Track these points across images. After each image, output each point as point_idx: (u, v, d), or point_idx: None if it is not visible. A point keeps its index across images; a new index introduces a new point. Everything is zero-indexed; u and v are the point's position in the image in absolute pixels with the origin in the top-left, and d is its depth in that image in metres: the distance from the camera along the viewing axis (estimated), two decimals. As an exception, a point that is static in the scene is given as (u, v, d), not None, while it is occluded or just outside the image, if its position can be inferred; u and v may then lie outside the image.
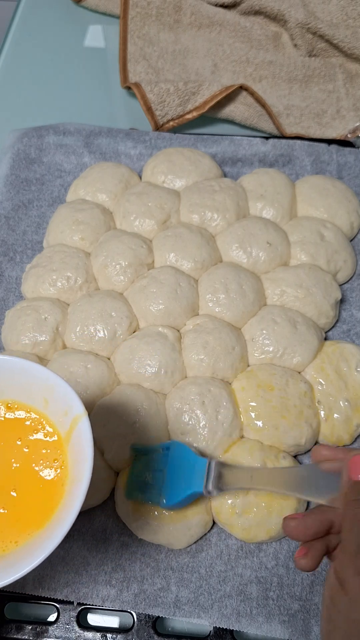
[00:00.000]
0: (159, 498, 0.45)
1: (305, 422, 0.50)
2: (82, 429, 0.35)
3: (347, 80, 0.79)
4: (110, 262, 0.58)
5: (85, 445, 0.34)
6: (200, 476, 0.44)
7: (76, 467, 0.35)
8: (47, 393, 0.38)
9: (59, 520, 0.33)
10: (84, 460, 0.34)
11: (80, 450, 0.34)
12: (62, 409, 0.37)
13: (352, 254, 0.62)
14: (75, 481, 0.34)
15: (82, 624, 0.45)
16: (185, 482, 0.44)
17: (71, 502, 0.33)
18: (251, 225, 0.61)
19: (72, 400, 0.36)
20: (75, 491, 0.33)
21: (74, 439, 0.36)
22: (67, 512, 0.33)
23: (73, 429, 0.36)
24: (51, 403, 0.38)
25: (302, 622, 0.44)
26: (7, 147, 0.71)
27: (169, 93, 0.72)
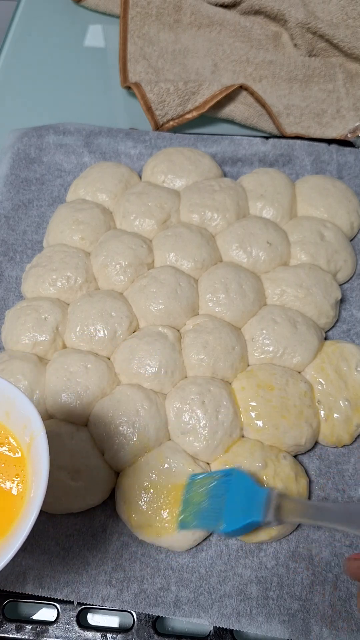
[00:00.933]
0: (217, 524, 0.43)
1: (305, 422, 0.50)
2: (39, 445, 0.35)
3: (347, 80, 0.79)
4: (110, 262, 0.58)
5: (41, 461, 0.34)
6: (259, 505, 0.43)
7: (35, 480, 0.35)
8: (8, 406, 0.38)
9: (15, 533, 0.33)
10: (39, 475, 0.34)
11: (37, 464, 0.35)
12: (21, 423, 0.37)
13: (352, 253, 0.62)
14: (32, 495, 0.34)
15: (82, 624, 0.45)
16: (244, 511, 0.43)
17: (26, 516, 0.33)
18: (251, 225, 0.61)
19: (31, 414, 0.36)
20: (31, 505, 0.33)
21: (32, 453, 0.36)
22: (23, 525, 0.33)
23: (31, 444, 0.36)
24: (12, 416, 0.38)
25: (302, 622, 0.44)
26: (7, 147, 0.71)
27: (169, 93, 0.72)
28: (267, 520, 0.42)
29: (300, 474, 0.49)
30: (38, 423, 0.35)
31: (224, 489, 0.45)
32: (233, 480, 0.45)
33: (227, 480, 0.45)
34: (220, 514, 0.43)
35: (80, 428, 0.50)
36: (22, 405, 0.37)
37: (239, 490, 0.44)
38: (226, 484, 0.45)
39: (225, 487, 0.45)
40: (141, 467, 0.48)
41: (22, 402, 0.37)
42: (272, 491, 0.43)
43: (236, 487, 0.44)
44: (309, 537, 0.48)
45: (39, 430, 0.35)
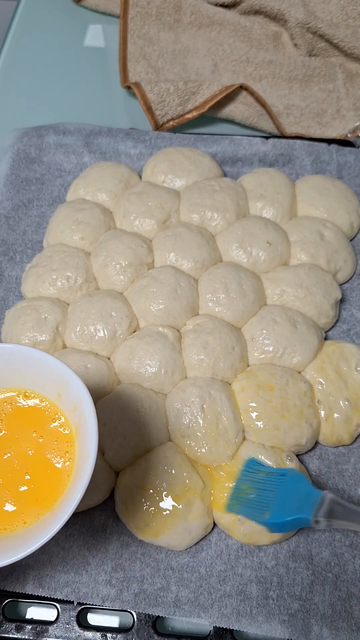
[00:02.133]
0: (262, 514, 0.44)
1: (305, 422, 0.50)
2: (90, 427, 0.36)
3: (347, 80, 0.79)
4: (110, 262, 0.58)
5: (90, 442, 0.35)
6: (311, 505, 0.43)
7: (81, 460, 0.36)
8: (61, 387, 0.39)
9: (61, 509, 0.35)
10: (86, 456, 0.35)
11: (86, 445, 0.36)
12: (72, 404, 0.38)
13: (352, 253, 0.62)
14: (78, 474, 0.36)
15: (82, 624, 0.45)
16: (294, 507, 0.43)
17: (73, 493, 0.34)
18: (251, 224, 0.61)
19: (83, 397, 0.37)
20: (78, 484, 0.35)
21: (81, 434, 0.37)
22: (69, 501, 0.34)
23: (80, 426, 0.38)
24: (63, 398, 0.39)
25: (302, 622, 0.44)
26: (7, 147, 0.71)
27: (169, 93, 0.72)
28: (316, 519, 0.42)
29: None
30: (89, 406, 0.36)
31: (276, 485, 0.45)
32: (288, 478, 0.46)
33: (281, 478, 0.46)
34: (268, 506, 0.44)
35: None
36: (74, 388, 0.38)
37: (292, 488, 0.45)
38: (280, 481, 0.46)
39: (278, 483, 0.46)
40: (141, 467, 0.48)
41: (76, 384, 0.38)
42: (327, 493, 0.43)
43: (290, 484, 0.45)
44: (309, 537, 0.48)
45: (90, 413, 0.36)
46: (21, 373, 0.40)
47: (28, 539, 0.34)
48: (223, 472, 0.48)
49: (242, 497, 0.46)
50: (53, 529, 0.33)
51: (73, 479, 0.37)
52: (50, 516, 0.36)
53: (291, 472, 0.46)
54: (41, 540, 0.33)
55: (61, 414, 0.40)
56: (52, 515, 0.36)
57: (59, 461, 0.39)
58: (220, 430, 0.49)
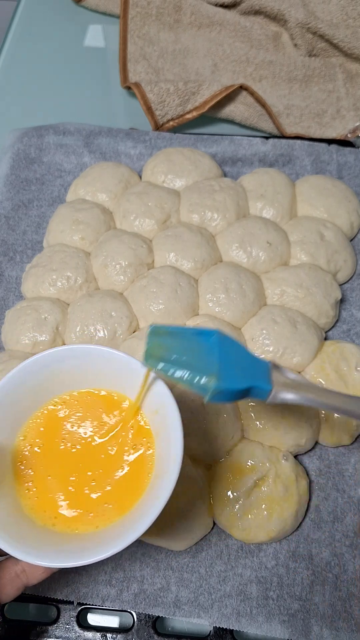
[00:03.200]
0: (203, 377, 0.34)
1: (305, 422, 0.50)
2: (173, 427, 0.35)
3: (347, 80, 0.79)
4: (110, 262, 0.58)
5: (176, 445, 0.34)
6: (263, 375, 0.36)
7: (162, 463, 0.35)
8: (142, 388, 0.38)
9: (140, 513, 0.33)
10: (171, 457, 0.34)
11: (167, 446, 0.35)
12: (154, 407, 0.37)
13: (352, 253, 0.62)
14: (158, 477, 0.35)
15: (82, 624, 0.45)
16: (244, 374, 0.35)
17: (156, 496, 0.33)
18: (251, 225, 0.61)
19: (167, 402, 0.36)
20: (160, 485, 0.33)
21: (162, 435, 0.36)
22: (150, 505, 0.33)
23: (162, 427, 0.36)
24: (146, 401, 0.38)
25: (302, 622, 0.44)
26: (7, 147, 0.71)
27: (169, 93, 0.72)
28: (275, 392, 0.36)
29: (300, 475, 0.49)
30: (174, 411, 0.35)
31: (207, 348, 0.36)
32: (220, 341, 0.37)
33: (208, 340, 0.37)
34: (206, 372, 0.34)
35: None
36: (157, 391, 0.37)
37: (231, 353, 0.36)
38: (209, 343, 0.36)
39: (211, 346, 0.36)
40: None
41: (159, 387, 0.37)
42: (276, 364, 0.38)
43: (226, 348, 0.36)
44: (309, 537, 0.48)
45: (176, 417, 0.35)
46: (103, 374, 0.39)
47: (104, 541, 0.33)
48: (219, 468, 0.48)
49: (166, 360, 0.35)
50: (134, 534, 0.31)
51: (153, 481, 0.35)
52: (129, 518, 0.34)
53: (221, 334, 0.37)
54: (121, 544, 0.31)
55: (142, 415, 0.39)
56: (130, 518, 0.34)
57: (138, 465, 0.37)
58: (220, 427, 0.49)
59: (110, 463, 0.37)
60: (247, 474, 0.47)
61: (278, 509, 0.46)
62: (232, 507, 0.46)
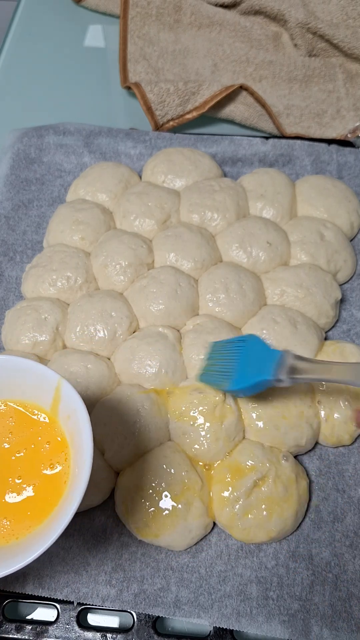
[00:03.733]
0: (225, 382, 0.47)
1: (306, 423, 0.50)
2: (84, 431, 0.36)
3: (347, 80, 0.79)
4: (110, 262, 0.58)
5: (86, 450, 0.35)
6: (272, 366, 0.44)
7: (77, 469, 0.36)
8: (54, 396, 0.39)
9: (57, 518, 0.34)
10: (82, 465, 0.35)
11: (81, 454, 0.36)
12: (66, 413, 0.38)
13: (352, 253, 0.62)
14: (74, 481, 0.35)
15: (82, 624, 0.45)
16: (255, 370, 0.45)
17: (70, 501, 0.34)
18: (251, 225, 0.61)
19: (77, 406, 0.37)
20: (74, 491, 0.34)
21: (76, 439, 0.37)
22: (65, 510, 0.34)
23: (75, 431, 0.37)
24: (59, 406, 0.39)
25: (302, 622, 0.44)
26: (7, 147, 0.71)
27: (169, 93, 0.72)
28: (279, 377, 0.43)
29: (300, 475, 0.49)
30: (84, 415, 0.36)
31: (236, 354, 0.47)
32: (247, 344, 0.47)
33: (241, 345, 0.48)
34: (229, 374, 0.46)
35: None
36: (68, 396, 0.38)
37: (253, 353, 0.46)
38: (240, 348, 0.48)
39: (238, 351, 0.47)
40: (141, 467, 0.48)
41: (69, 393, 0.37)
42: (286, 353, 0.45)
43: (250, 350, 0.47)
44: (309, 537, 0.48)
45: (85, 422, 0.36)
46: (12, 384, 0.40)
47: (24, 549, 0.33)
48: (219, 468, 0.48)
49: (209, 371, 0.49)
50: (50, 538, 0.32)
51: (70, 485, 0.36)
52: (47, 524, 0.35)
53: (250, 338, 0.48)
54: (37, 551, 0.32)
55: (53, 422, 0.40)
56: (49, 523, 0.35)
57: (53, 471, 0.38)
58: (223, 428, 0.49)
59: (27, 475, 0.38)
60: (247, 474, 0.47)
61: (278, 509, 0.46)
62: (232, 507, 0.47)
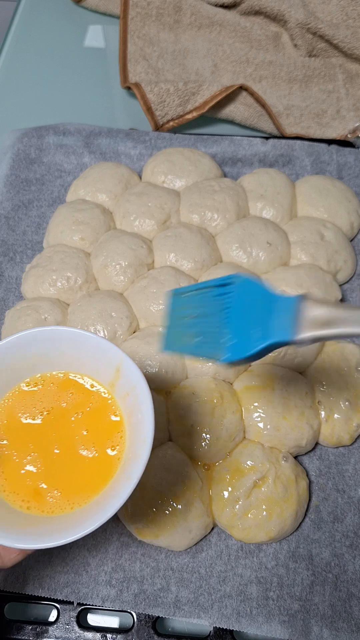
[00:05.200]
0: (216, 351, 0.32)
1: (306, 423, 0.50)
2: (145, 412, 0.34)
3: (347, 80, 0.79)
4: (110, 262, 0.58)
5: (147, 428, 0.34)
6: (285, 319, 0.30)
7: (134, 447, 0.35)
8: (114, 372, 0.37)
9: (112, 494, 0.33)
10: (142, 443, 0.34)
11: (140, 432, 0.34)
12: (125, 390, 0.37)
13: (352, 254, 0.62)
14: (130, 460, 0.34)
15: (82, 624, 0.45)
16: (261, 329, 0.31)
17: (127, 477, 0.33)
18: (251, 225, 0.61)
19: (138, 382, 0.35)
20: (131, 468, 0.33)
21: (134, 418, 0.36)
22: (121, 486, 0.33)
23: (133, 411, 0.36)
24: (118, 382, 0.38)
25: (302, 622, 0.44)
26: (7, 147, 0.71)
27: (169, 93, 0.72)
28: (302, 337, 0.30)
29: (300, 476, 0.49)
30: (145, 391, 0.34)
31: (222, 304, 0.33)
32: (237, 290, 0.32)
33: (226, 292, 0.33)
34: (219, 337, 0.32)
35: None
36: (129, 372, 0.36)
37: (248, 303, 0.32)
38: (226, 296, 0.33)
39: (226, 300, 0.33)
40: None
41: (130, 368, 0.36)
42: (304, 299, 0.31)
43: (243, 298, 0.32)
44: (309, 537, 0.48)
45: (146, 398, 0.34)
46: (73, 357, 0.39)
47: (73, 523, 0.32)
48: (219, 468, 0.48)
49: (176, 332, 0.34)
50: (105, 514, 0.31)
51: (123, 464, 0.35)
52: (97, 502, 0.34)
53: (239, 280, 0.32)
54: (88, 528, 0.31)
55: (113, 400, 0.38)
56: (99, 501, 0.34)
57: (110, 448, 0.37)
58: (224, 428, 0.49)
59: (81, 445, 0.37)
60: (247, 474, 0.47)
61: (278, 510, 0.46)
62: (232, 507, 0.47)
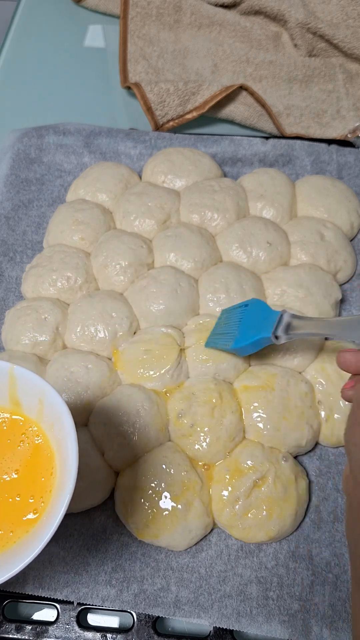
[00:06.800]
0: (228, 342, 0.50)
1: (306, 423, 0.50)
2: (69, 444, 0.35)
3: (347, 80, 0.79)
4: (110, 262, 0.58)
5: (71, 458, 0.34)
6: (271, 324, 0.47)
7: (63, 476, 0.35)
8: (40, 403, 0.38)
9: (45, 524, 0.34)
10: (68, 473, 0.34)
11: (66, 461, 0.35)
12: (51, 420, 0.38)
13: (352, 253, 0.62)
14: (60, 490, 0.35)
15: (82, 624, 0.45)
16: (255, 330, 0.48)
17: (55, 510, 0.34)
18: (251, 225, 0.61)
19: (62, 413, 0.36)
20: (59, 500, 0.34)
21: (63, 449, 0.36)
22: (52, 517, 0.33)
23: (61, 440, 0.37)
24: (44, 412, 0.38)
25: (302, 622, 0.44)
26: (7, 147, 0.71)
27: (169, 93, 0.72)
28: (276, 334, 0.46)
29: (300, 476, 0.49)
30: (69, 421, 0.35)
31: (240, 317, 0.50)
32: (250, 307, 0.50)
33: (244, 309, 0.51)
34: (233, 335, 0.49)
35: (80, 428, 0.50)
36: (53, 403, 0.37)
37: (254, 315, 0.49)
38: (243, 311, 0.51)
39: (242, 314, 0.51)
40: (140, 468, 0.48)
41: (54, 400, 0.37)
42: (284, 311, 0.48)
43: (252, 312, 0.50)
44: (309, 537, 0.48)
45: (70, 429, 0.35)
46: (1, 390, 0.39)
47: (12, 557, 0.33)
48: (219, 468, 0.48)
49: (215, 334, 0.52)
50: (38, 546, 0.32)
51: (55, 495, 0.36)
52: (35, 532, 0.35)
53: (253, 301, 0.51)
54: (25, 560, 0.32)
55: (40, 430, 0.39)
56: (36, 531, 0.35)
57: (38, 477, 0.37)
58: (223, 428, 0.49)
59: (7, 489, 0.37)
60: (247, 474, 0.47)
61: (277, 509, 0.46)
62: (232, 507, 0.47)
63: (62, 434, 0.36)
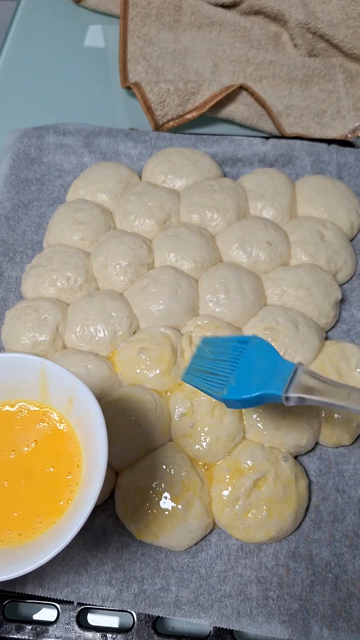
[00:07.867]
0: (219, 390, 0.40)
1: (306, 423, 0.50)
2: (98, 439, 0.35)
3: (347, 80, 0.79)
4: (110, 262, 0.58)
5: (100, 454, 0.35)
6: (282, 379, 0.38)
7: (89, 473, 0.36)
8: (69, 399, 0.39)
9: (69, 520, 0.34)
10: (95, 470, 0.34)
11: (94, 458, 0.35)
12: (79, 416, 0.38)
13: (352, 254, 0.62)
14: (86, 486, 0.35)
15: (82, 624, 0.45)
16: (259, 381, 0.38)
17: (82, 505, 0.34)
18: (251, 225, 0.61)
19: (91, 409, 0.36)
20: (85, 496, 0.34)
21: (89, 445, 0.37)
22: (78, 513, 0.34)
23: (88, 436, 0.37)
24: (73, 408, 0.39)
25: (302, 622, 0.44)
26: (7, 147, 0.71)
27: (169, 93, 0.72)
28: (288, 395, 0.37)
29: (300, 476, 0.49)
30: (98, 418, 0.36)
31: (236, 356, 0.41)
32: (250, 347, 0.40)
33: (242, 347, 0.41)
34: (227, 380, 0.40)
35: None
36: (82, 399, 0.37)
37: (258, 359, 0.40)
38: (241, 350, 0.41)
39: (239, 353, 0.41)
40: (140, 468, 0.48)
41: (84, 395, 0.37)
42: (300, 366, 0.38)
43: (253, 354, 0.40)
44: (309, 537, 0.48)
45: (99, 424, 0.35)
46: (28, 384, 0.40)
47: (37, 550, 0.34)
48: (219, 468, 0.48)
49: (196, 370, 0.42)
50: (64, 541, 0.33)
51: (81, 490, 0.36)
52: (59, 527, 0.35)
53: (254, 340, 0.41)
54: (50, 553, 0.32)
55: (68, 425, 0.40)
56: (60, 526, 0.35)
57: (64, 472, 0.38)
58: (224, 428, 0.49)
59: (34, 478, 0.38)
60: (247, 474, 0.47)
61: (277, 509, 0.46)
62: (232, 507, 0.47)
63: (91, 429, 0.36)
